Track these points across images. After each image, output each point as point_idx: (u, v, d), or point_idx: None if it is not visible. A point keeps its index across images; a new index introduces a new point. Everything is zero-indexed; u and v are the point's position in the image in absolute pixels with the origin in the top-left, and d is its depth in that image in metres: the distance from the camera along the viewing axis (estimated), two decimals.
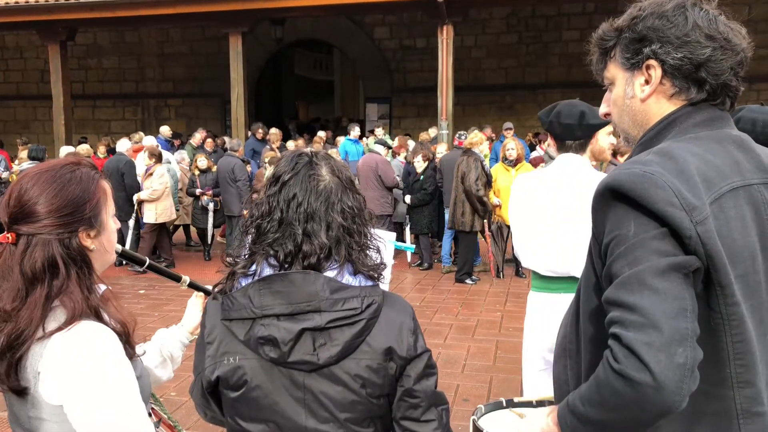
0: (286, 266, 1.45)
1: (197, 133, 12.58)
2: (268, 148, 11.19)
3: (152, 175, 9.18)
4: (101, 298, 1.45)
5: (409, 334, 1.46)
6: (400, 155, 10.64)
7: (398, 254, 9.21)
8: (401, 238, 9.41)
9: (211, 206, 9.86)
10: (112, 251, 1.56)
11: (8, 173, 10.51)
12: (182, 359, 1.95)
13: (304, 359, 1.40)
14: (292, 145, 11.64)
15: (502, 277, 8.53)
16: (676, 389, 1.15)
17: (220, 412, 1.54)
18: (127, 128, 15.78)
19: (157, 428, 1.68)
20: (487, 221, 8.28)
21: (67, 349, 1.33)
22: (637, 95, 1.44)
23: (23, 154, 11.09)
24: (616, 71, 1.47)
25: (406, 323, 1.47)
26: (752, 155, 1.38)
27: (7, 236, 1.40)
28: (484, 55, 15.68)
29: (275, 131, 12.40)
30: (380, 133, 12.05)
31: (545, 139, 4.18)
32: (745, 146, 1.39)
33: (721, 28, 1.36)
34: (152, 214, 9.05)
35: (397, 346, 1.43)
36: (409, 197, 9.13)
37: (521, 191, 2.96)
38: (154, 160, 9.33)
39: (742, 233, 1.28)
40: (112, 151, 12.18)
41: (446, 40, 11.13)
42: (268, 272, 1.44)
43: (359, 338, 1.41)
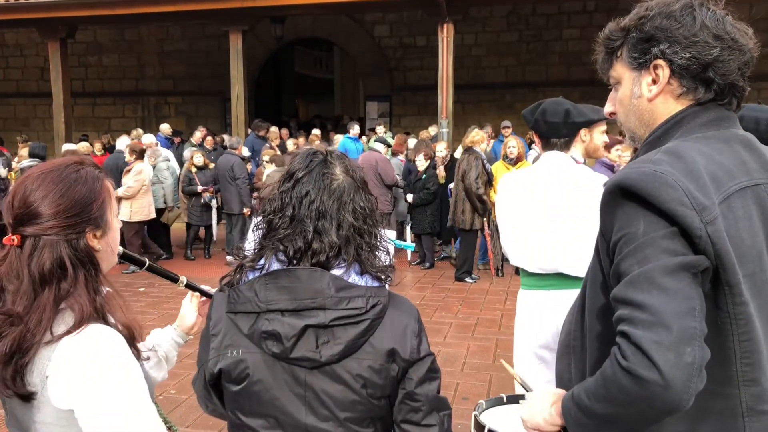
0: (294, 262, 1.45)
1: (197, 131, 12.56)
2: (267, 146, 11.17)
3: (130, 171, 9.07)
4: (106, 299, 1.44)
5: (413, 336, 1.46)
6: (399, 154, 10.62)
7: (398, 253, 9.20)
8: (402, 236, 9.41)
9: (214, 203, 9.83)
10: (116, 251, 1.55)
11: (7, 171, 10.46)
12: (177, 359, 1.94)
13: (306, 356, 1.40)
14: (291, 143, 11.63)
15: (501, 275, 8.52)
16: (683, 388, 1.16)
17: (221, 405, 1.54)
18: (127, 126, 15.70)
19: None
20: (486, 219, 8.28)
21: (76, 352, 1.32)
22: (644, 95, 1.44)
23: (23, 151, 11.03)
24: (622, 71, 1.47)
25: (410, 325, 1.47)
26: (758, 155, 1.39)
27: (12, 238, 1.38)
28: (484, 53, 15.64)
29: (275, 130, 12.39)
30: (381, 131, 12.03)
31: None
32: (751, 146, 1.40)
33: (728, 28, 1.37)
34: (127, 211, 8.93)
35: (400, 348, 1.43)
36: (411, 196, 9.10)
37: (507, 189, 2.98)
38: (134, 156, 9.23)
39: (750, 233, 1.29)
40: (110, 149, 12.15)
41: (446, 38, 11.09)
42: (276, 267, 1.44)
43: (362, 338, 1.41)
